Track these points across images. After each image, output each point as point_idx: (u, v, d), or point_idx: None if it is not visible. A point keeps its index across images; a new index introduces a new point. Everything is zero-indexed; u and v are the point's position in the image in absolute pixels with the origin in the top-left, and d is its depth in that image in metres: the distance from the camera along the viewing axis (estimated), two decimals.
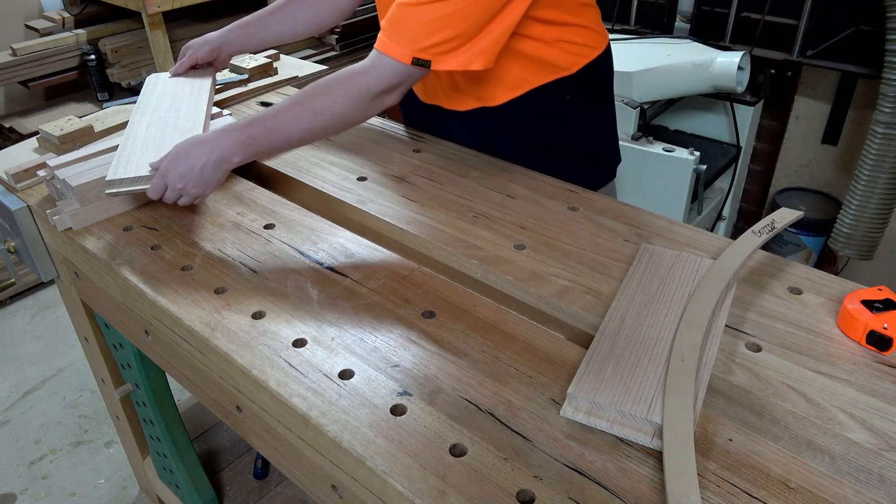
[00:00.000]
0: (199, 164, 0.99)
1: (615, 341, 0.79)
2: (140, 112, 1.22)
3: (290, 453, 0.84)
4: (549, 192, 1.13)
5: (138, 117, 1.20)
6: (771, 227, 0.99)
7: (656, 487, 0.65)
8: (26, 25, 2.82)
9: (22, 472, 1.90)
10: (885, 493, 0.63)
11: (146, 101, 1.26)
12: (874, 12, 1.97)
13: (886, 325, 0.79)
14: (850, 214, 2.02)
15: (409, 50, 0.98)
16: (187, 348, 0.92)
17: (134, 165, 1.05)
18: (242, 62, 1.61)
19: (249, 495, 1.58)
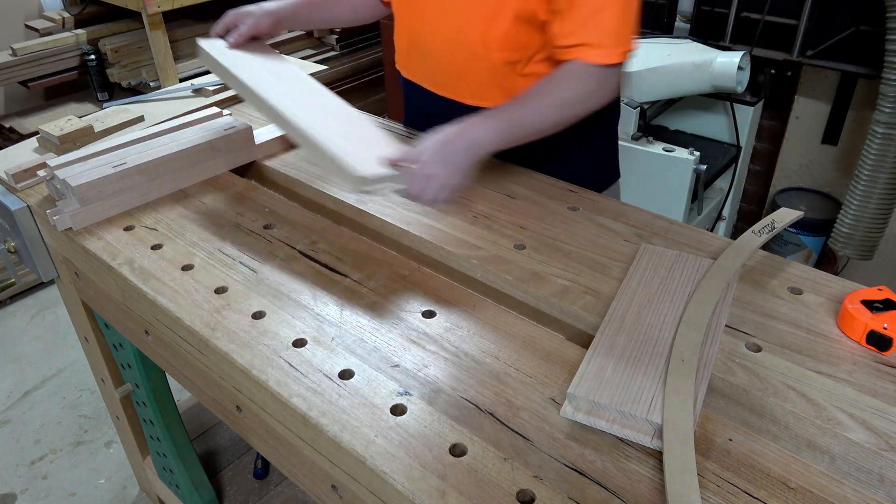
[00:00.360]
0: (460, 157, 0.97)
1: (615, 341, 0.79)
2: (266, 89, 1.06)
3: (290, 453, 0.84)
4: (549, 192, 1.13)
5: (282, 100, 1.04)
6: (771, 227, 0.99)
7: (656, 487, 0.65)
8: (26, 25, 2.82)
9: (22, 472, 1.90)
10: (885, 493, 0.63)
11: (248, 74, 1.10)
12: (874, 12, 1.97)
13: (886, 325, 0.79)
14: (850, 214, 2.02)
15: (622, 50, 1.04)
16: (187, 348, 0.92)
17: (372, 160, 0.96)
18: None
19: (249, 495, 1.58)
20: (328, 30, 2.95)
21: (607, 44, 1.03)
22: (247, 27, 1.20)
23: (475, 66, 1.15)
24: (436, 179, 0.96)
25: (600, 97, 1.07)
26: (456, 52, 1.16)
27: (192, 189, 1.18)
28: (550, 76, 1.07)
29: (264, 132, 1.32)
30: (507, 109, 1.05)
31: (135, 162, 1.12)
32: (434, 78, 1.25)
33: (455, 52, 1.16)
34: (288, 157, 1.29)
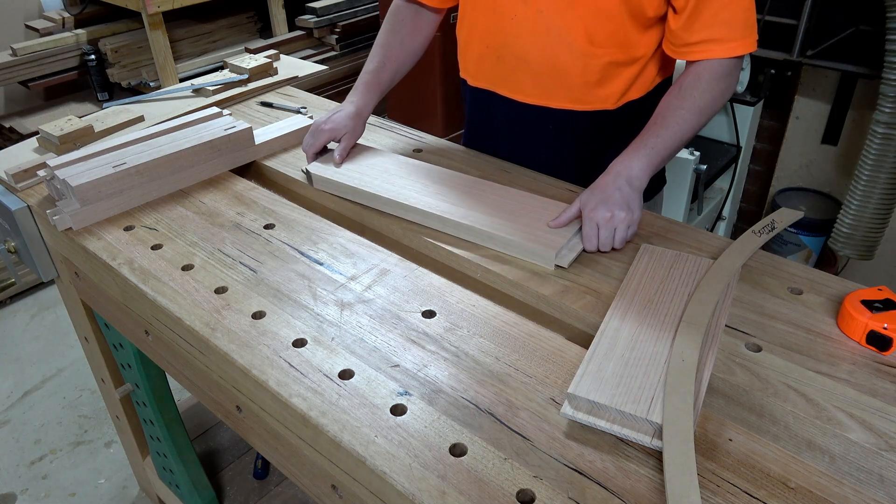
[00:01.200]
0: (619, 193, 0.99)
1: (615, 341, 0.79)
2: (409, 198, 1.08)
3: (290, 453, 0.84)
4: (549, 193, 1.13)
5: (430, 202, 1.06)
6: (771, 227, 0.99)
7: (656, 487, 0.65)
8: (26, 25, 2.82)
9: (22, 472, 1.90)
10: (886, 493, 0.63)
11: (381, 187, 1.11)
12: (874, 12, 1.97)
13: (886, 325, 0.79)
14: (850, 214, 2.02)
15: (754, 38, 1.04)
16: (187, 348, 0.92)
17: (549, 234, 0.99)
18: (242, 62, 1.61)
19: (249, 495, 1.58)
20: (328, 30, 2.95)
21: (737, 36, 1.01)
22: (347, 140, 1.21)
23: (577, 65, 1.11)
24: (611, 223, 0.97)
25: (731, 91, 1.07)
26: (555, 53, 1.11)
27: (192, 189, 1.18)
28: (680, 85, 1.05)
29: (264, 132, 1.32)
30: (650, 133, 1.04)
31: (135, 162, 1.12)
32: (520, 83, 1.18)
33: (554, 52, 1.11)
34: (288, 157, 1.29)
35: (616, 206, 0.98)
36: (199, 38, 2.89)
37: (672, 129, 1.03)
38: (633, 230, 1.00)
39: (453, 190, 1.10)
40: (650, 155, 1.02)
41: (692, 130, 1.06)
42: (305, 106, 1.50)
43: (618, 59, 1.10)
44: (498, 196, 1.09)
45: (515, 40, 1.14)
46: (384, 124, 1.41)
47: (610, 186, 1.00)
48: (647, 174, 1.02)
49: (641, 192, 1.01)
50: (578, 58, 1.10)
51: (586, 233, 0.99)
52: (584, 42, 1.08)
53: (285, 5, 2.98)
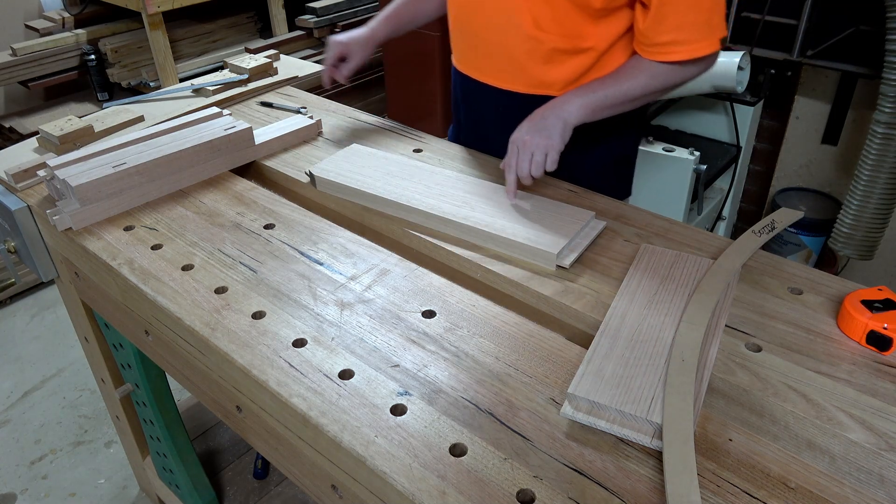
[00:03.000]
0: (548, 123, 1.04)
1: (615, 341, 0.79)
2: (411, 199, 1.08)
3: (290, 453, 0.84)
4: (548, 192, 1.13)
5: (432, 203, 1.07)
6: (771, 227, 0.99)
7: (656, 487, 0.65)
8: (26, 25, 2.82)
9: (22, 472, 1.90)
10: (886, 493, 0.63)
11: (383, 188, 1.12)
12: (874, 12, 1.97)
13: (886, 325, 0.79)
14: (850, 214, 2.02)
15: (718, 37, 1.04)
16: (187, 348, 0.92)
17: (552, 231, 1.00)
18: (242, 62, 1.61)
19: (249, 495, 1.58)
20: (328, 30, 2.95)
21: (702, 37, 1.02)
22: (355, 60, 1.31)
23: (521, 47, 1.14)
24: (527, 146, 1.03)
25: (696, 75, 1.09)
26: (505, 34, 1.14)
27: (192, 189, 1.18)
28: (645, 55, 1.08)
29: (264, 132, 1.32)
30: (599, 81, 1.08)
31: (135, 162, 1.12)
32: (478, 62, 1.23)
33: (504, 33, 1.14)
34: (288, 157, 1.29)
35: (537, 131, 1.03)
36: (199, 38, 2.89)
37: (622, 85, 1.07)
38: (551, 158, 1.03)
39: (454, 191, 1.10)
40: (591, 98, 1.06)
41: (643, 93, 1.08)
42: (305, 106, 1.50)
43: (562, 46, 1.12)
44: (499, 196, 1.09)
45: (474, 19, 1.19)
46: (384, 124, 1.41)
47: (538, 114, 1.06)
48: (582, 112, 1.06)
49: (570, 127, 1.05)
50: (524, 40, 1.13)
51: (508, 156, 1.05)
52: (529, 25, 1.11)
53: (285, 5, 2.98)
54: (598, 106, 1.07)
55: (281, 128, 1.34)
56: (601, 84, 1.08)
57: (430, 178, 1.15)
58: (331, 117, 1.45)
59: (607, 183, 1.25)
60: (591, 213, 1.04)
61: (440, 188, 1.11)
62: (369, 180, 1.14)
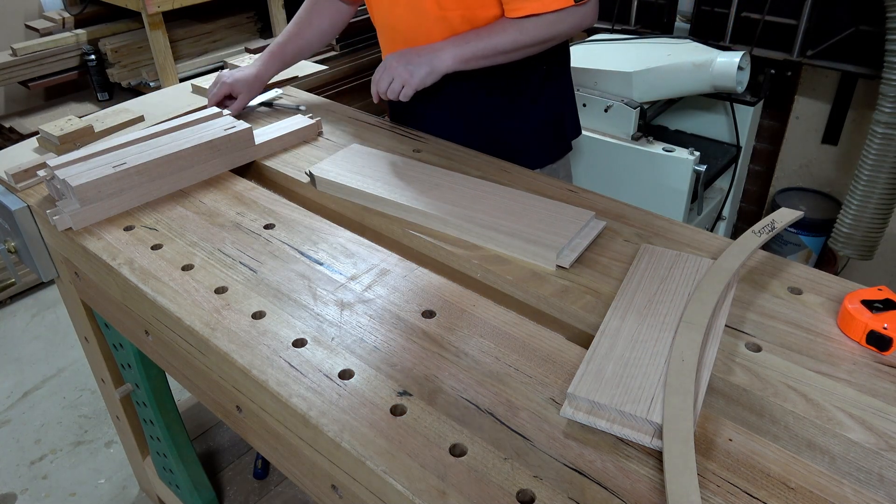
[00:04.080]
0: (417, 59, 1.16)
1: (615, 341, 0.79)
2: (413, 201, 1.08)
3: (290, 453, 0.84)
4: (548, 192, 1.13)
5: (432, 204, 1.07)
6: (771, 227, 0.99)
7: (656, 487, 0.65)
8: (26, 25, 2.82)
9: (22, 472, 1.90)
10: (885, 493, 0.63)
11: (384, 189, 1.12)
12: (874, 12, 1.97)
13: (886, 325, 0.79)
14: (850, 214, 2.02)
15: None
16: (187, 348, 0.92)
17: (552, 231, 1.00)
18: (242, 62, 1.61)
19: (249, 495, 1.58)
20: None
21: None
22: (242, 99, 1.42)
23: (434, 31, 1.22)
24: (391, 71, 1.17)
25: (563, 30, 1.17)
26: (415, 21, 1.23)
27: (192, 189, 1.18)
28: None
29: (264, 132, 1.32)
30: (473, 33, 1.18)
31: (135, 162, 1.12)
32: None
33: (414, 21, 1.23)
34: (288, 157, 1.29)
35: (405, 63, 1.16)
36: (199, 38, 2.89)
37: (493, 38, 1.16)
38: (405, 92, 1.17)
39: (454, 190, 1.10)
40: (464, 49, 1.16)
41: (513, 46, 1.17)
42: (305, 106, 1.50)
43: (469, 15, 1.19)
44: (498, 196, 1.09)
45: (389, 17, 1.28)
46: (384, 124, 1.41)
47: (415, 50, 1.18)
48: (453, 62, 1.17)
49: (438, 74, 1.17)
50: (434, 22, 1.21)
51: (375, 75, 1.19)
52: (433, 6, 1.19)
53: (285, 5, 2.98)
54: (470, 57, 1.17)
55: (281, 128, 1.34)
56: (475, 36, 1.17)
57: (430, 178, 1.15)
58: (331, 117, 1.45)
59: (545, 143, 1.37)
60: (591, 213, 1.04)
61: (440, 188, 1.11)
62: (369, 180, 1.14)
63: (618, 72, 2.04)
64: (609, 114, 2.08)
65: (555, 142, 1.41)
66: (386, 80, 1.18)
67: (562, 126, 1.41)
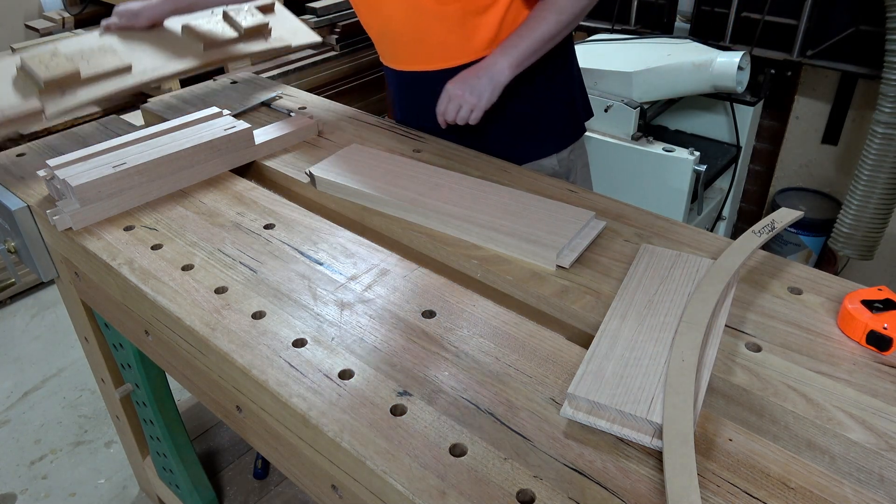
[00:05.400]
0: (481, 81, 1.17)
1: (615, 341, 0.79)
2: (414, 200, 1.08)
3: (290, 453, 0.84)
4: (548, 192, 1.13)
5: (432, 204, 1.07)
6: (771, 227, 0.99)
7: (656, 487, 0.65)
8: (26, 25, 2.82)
9: (22, 472, 1.90)
10: (885, 493, 0.63)
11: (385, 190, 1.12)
12: (874, 12, 1.97)
13: (886, 325, 0.79)
14: (850, 214, 2.02)
15: None
16: (187, 348, 0.92)
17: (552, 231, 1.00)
18: (238, 16, 1.56)
19: (249, 495, 1.58)
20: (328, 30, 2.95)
21: None
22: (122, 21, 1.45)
23: (433, 27, 1.21)
24: (457, 99, 1.18)
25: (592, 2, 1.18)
26: (413, 20, 1.22)
27: (192, 189, 1.18)
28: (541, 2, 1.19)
29: (264, 132, 1.32)
30: (514, 36, 1.19)
31: (135, 162, 1.12)
32: (399, 55, 1.32)
33: (412, 19, 1.22)
34: (288, 157, 1.29)
35: (468, 88, 1.17)
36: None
37: (537, 30, 1.17)
38: (475, 116, 1.19)
39: (454, 191, 1.10)
40: (515, 53, 1.17)
41: (557, 29, 1.18)
42: (305, 106, 1.50)
43: (470, 7, 1.19)
44: (498, 196, 1.09)
45: (383, 18, 1.27)
46: (384, 124, 1.41)
47: (473, 73, 1.18)
48: (510, 70, 1.17)
49: (501, 87, 1.18)
50: (433, 19, 1.21)
51: (439, 103, 1.21)
52: (430, 2, 1.18)
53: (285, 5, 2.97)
54: (524, 57, 1.18)
55: (281, 128, 1.34)
56: (519, 37, 1.18)
57: (430, 178, 1.15)
58: (331, 117, 1.45)
59: (553, 127, 1.37)
60: (591, 213, 1.04)
61: (440, 188, 1.11)
62: (369, 180, 1.14)
63: (618, 72, 2.05)
64: (609, 114, 2.08)
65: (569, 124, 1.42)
66: (454, 108, 1.19)
67: (574, 109, 1.42)
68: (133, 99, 2.87)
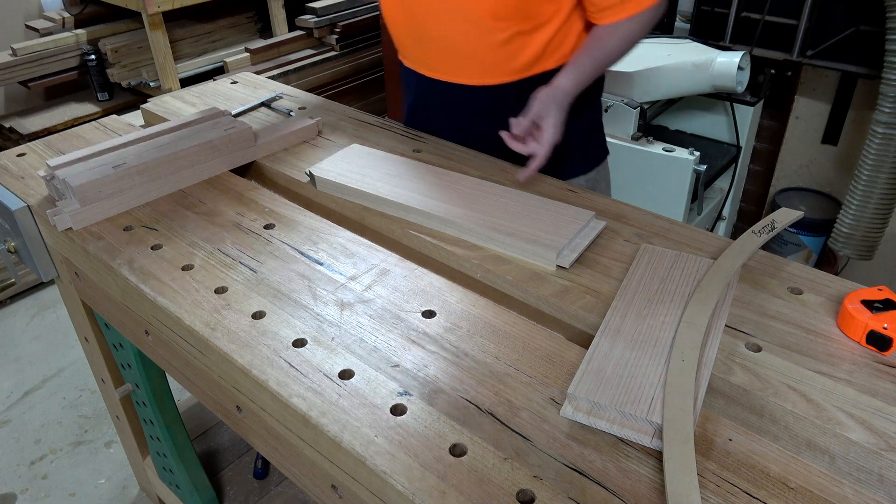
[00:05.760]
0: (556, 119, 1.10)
1: (615, 341, 0.79)
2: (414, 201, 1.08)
3: (290, 453, 0.84)
4: (548, 192, 1.13)
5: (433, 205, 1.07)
6: (771, 227, 0.99)
7: (656, 487, 0.65)
8: (26, 25, 2.82)
9: (22, 472, 1.90)
10: (885, 493, 0.63)
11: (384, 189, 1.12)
12: (874, 12, 1.97)
13: (886, 325, 0.79)
14: (850, 214, 2.02)
15: None
16: (187, 348, 0.92)
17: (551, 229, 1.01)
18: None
19: (249, 495, 1.58)
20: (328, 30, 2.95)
21: None
22: None
23: (480, 41, 1.16)
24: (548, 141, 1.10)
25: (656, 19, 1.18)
26: (458, 32, 1.16)
27: (192, 189, 1.18)
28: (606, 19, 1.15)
29: (264, 132, 1.32)
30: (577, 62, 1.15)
31: (135, 162, 1.12)
32: (430, 61, 1.26)
33: (457, 31, 1.16)
34: (288, 157, 1.29)
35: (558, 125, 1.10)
36: (199, 38, 2.89)
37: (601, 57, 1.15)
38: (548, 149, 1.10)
39: (454, 191, 1.11)
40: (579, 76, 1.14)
41: (618, 55, 1.17)
42: (305, 106, 1.50)
43: (524, 28, 1.15)
44: (498, 196, 1.09)
45: (423, 19, 1.19)
46: (384, 124, 1.41)
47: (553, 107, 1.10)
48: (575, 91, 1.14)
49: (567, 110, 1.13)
50: (483, 33, 1.15)
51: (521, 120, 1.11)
52: (487, 18, 1.13)
53: (285, 5, 2.98)
54: (585, 82, 1.15)
55: (281, 128, 1.34)
56: (583, 63, 1.15)
57: (430, 178, 1.15)
58: (331, 117, 1.45)
59: (584, 150, 1.34)
60: (591, 213, 1.04)
61: (440, 188, 1.11)
62: (369, 180, 1.14)
63: (618, 72, 2.04)
64: (609, 114, 2.08)
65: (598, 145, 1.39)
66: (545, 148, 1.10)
67: (599, 130, 1.40)
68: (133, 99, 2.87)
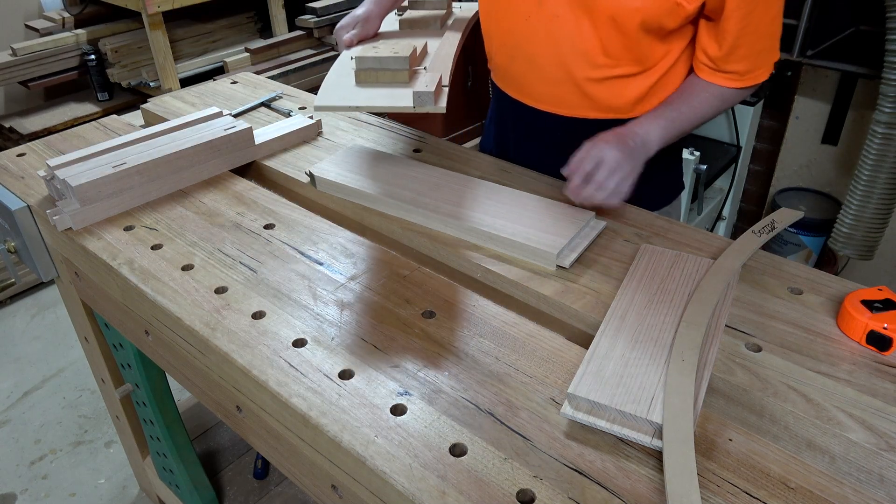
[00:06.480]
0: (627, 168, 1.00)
1: (615, 341, 0.79)
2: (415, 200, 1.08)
3: (290, 453, 0.84)
4: (548, 193, 1.13)
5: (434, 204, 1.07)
6: (771, 227, 0.99)
7: (656, 487, 0.65)
8: (26, 25, 2.82)
9: (22, 472, 1.90)
10: (885, 493, 0.63)
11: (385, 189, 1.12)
12: (874, 12, 1.97)
13: (886, 325, 0.79)
14: (850, 214, 2.02)
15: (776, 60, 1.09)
16: (187, 348, 0.92)
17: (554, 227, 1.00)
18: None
19: (249, 495, 1.58)
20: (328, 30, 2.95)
21: (765, 63, 1.06)
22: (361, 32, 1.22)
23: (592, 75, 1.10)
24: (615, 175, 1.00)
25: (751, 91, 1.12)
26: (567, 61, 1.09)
27: (192, 189, 1.18)
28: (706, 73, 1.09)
29: (264, 132, 1.32)
30: (671, 107, 1.08)
31: (135, 162, 1.12)
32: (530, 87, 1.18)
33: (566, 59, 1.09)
34: (288, 157, 1.29)
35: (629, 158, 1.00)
36: (199, 38, 2.89)
37: (696, 111, 1.08)
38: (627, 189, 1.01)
39: (454, 190, 1.10)
40: (670, 128, 1.06)
41: (713, 115, 1.11)
42: (305, 106, 1.50)
43: (632, 70, 1.09)
44: (498, 196, 1.09)
45: (527, 43, 1.12)
46: (384, 124, 1.41)
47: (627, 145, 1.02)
48: (661, 144, 1.06)
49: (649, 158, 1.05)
50: (591, 68, 1.09)
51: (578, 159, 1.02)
52: (598, 53, 1.07)
53: (285, 5, 2.98)
54: (675, 134, 1.08)
55: (281, 128, 1.34)
56: (677, 110, 1.08)
57: (430, 178, 1.15)
58: (331, 117, 1.45)
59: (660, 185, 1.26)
60: (591, 213, 1.04)
61: (440, 188, 1.11)
62: (369, 180, 1.14)
63: None
64: None
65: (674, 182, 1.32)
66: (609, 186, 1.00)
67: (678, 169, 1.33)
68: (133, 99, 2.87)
